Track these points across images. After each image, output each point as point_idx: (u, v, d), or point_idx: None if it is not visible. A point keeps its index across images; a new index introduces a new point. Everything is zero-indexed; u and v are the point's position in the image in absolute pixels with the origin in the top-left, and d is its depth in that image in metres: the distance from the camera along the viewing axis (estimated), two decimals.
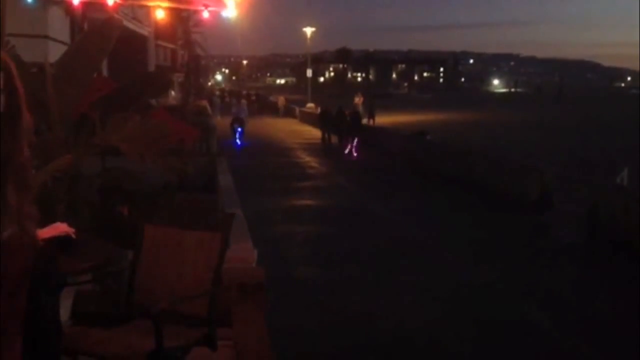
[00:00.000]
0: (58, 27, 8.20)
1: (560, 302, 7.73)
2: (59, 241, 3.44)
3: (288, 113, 49.62)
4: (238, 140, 26.47)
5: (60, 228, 3.48)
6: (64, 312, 3.58)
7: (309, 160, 22.39)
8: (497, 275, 8.77)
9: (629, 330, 6.66)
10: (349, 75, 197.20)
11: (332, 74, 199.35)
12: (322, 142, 27.40)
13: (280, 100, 55.11)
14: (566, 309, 7.47)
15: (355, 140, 23.64)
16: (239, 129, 26.85)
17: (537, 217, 12.51)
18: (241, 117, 27.33)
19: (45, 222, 3.71)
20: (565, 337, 6.56)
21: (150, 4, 7.27)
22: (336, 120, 26.47)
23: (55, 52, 6.42)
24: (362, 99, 33.73)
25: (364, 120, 28.11)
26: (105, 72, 12.49)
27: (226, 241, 3.65)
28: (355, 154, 23.41)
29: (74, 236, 3.48)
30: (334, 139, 26.61)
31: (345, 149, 23.90)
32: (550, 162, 18.27)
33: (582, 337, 6.54)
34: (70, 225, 3.53)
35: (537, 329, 6.81)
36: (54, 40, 8.34)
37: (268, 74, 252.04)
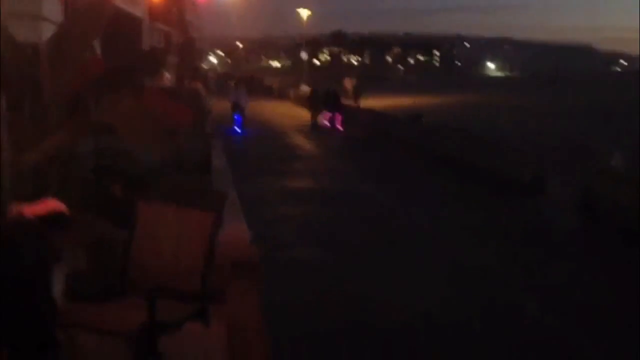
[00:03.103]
0: (51, 6, 8.14)
1: (552, 285, 7.81)
2: (52, 217, 3.47)
3: (282, 95, 49.46)
4: (238, 129, 25.15)
5: (52, 204, 3.51)
6: (58, 289, 3.60)
7: (303, 142, 22.39)
8: (490, 257, 8.84)
9: (622, 310, 6.78)
10: (345, 58, 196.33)
11: (327, 57, 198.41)
12: (312, 123, 27.65)
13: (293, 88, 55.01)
14: (558, 291, 7.55)
15: (338, 116, 26.61)
16: (238, 117, 25.51)
17: (529, 200, 12.60)
18: (240, 104, 25.76)
19: (38, 199, 3.74)
20: (557, 320, 6.64)
21: None
22: (324, 101, 27.87)
23: (48, 33, 6.39)
24: (352, 82, 35.47)
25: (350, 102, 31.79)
26: (99, 54, 12.42)
27: (219, 220, 3.68)
28: (340, 128, 26.21)
29: (66, 212, 3.51)
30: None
31: (331, 124, 26.62)
32: (543, 145, 18.35)
33: (575, 321, 6.62)
34: (63, 203, 3.56)
35: (529, 312, 6.90)
36: (47, 20, 8.28)
37: (263, 56, 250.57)
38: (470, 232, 10.22)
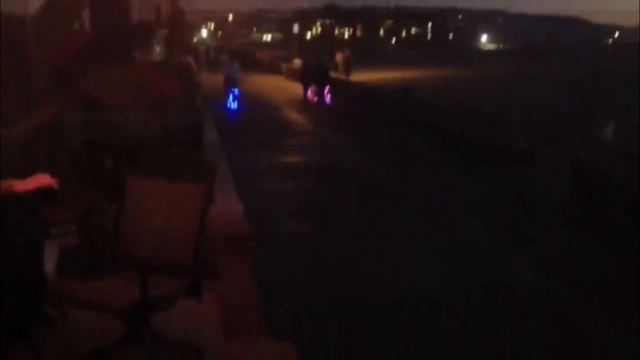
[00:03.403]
0: None
1: (544, 254, 7.86)
2: (42, 192, 3.42)
3: (273, 69, 49.06)
4: (234, 104, 24.03)
5: (43, 179, 3.47)
6: (49, 265, 3.57)
7: (295, 117, 22.30)
8: (482, 227, 8.89)
9: (619, 277, 6.95)
10: (336, 31, 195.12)
11: (319, 30, 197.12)
12: (304, 97, 27.45)
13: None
14: (551, 261, 7.60)
15: (327, 88, 26.38)
16: (235, 90, 24.19)
17: (521, 169, 12.67)
18: (235, 78, 24.51)
19: (28, 174, 3.69)
20: (550, 284, 6.69)
21: None
22: (314, 75, 27.66)
23: (34, 3, 6.28)
24: (342, 55, 35.76)
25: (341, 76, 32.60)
26: (87, 26, 12.26)
27: (210, 192, 3.64)
28: (328, 102, 26.05)
29: (56, 187, 3.46)
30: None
31: (318, 98, 26.33)
32: (536, 115, 18.36)
33: (569, 286, 6.68)
34: (52, 176, 3.51)
35: (525, 280, 6.94)
36: None
37: (254, 29, 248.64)
38: (463, 203, 10.28)
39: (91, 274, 3.51)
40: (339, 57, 40.64)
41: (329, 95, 26.51)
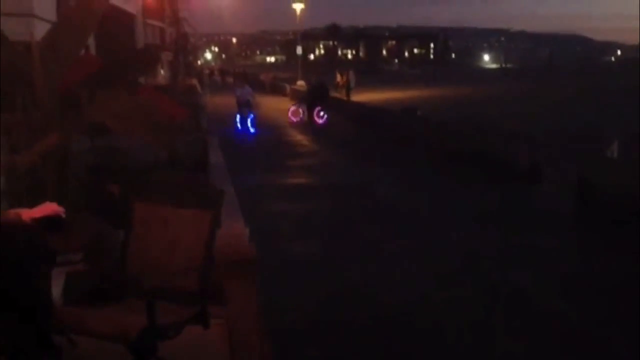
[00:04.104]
0: (44, 5, 8.09)
1: (551, 270, 7.84)
2: (49, 220, 3.42)
3: (276, 90, 49.30)
4: (251, 129, 23.30)
5: (49, 207, 3.46)
6: (56, 291, 3.56)
7: (301, 138, 22.34)
8: (489, 244, 8.88)
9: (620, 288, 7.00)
10: (339, 52, 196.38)
11: (322, 51, 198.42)
12: (309, 119, 27.55)
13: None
14: (557, 276, 7.57)
15: (318, 108, 26.02)
16: (250, 115, 23.59)
17: (527, 186, 12.68)
18: (248, 101, 23.94)
19: (35, 201, 3.68)
20: (554, 302, 6.65)
21: None
22: (317, 94, 27.93)
23: (41, 31, 6.33)
24: (349, 75, 36.57)
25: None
26: (93, 51, 12.36)
27: (217, 218, 3.63)
28: (319, 121, 25.67)
29: (63, 215, 3.46)
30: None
31: (312, 118, 26.16)
32: (540, 132, 18.36)
33: (570, 302, 6.64)
34: (59, 204, 3.50)
35: (527, 294, 6.90)
36: (40, 18, 8.23)
37: (258, 52, 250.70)
38: (469, 219, 10.27)
39: (97, 300, 3.49)
40: (339, 77, 41.17)
41: (321, 115, 26.39)
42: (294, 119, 26.68)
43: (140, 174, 5.04)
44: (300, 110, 27.21)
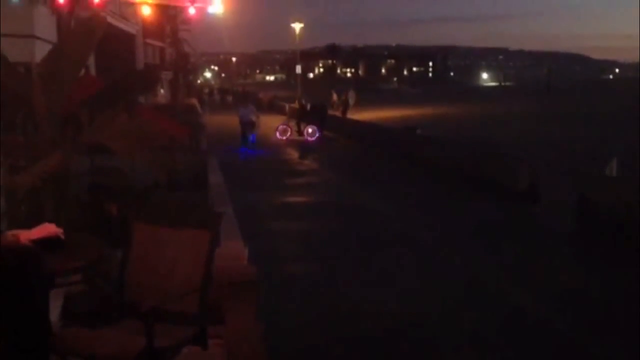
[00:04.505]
0: (44, 26, 8.13)
1: (553, 289, 7.81)
2: (48, 241, 3.42)
3: (274, 109, 49.52)
4: (249, 148, 23.06)
5: (48, 228, 3.47)
6: (54, 312, 3.55)
7: (298, 155, 22.37)
8: (489, 264, 8.85)
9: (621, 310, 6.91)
10: (339, 70, 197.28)
11: (321, 69, 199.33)
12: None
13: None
14: (559, 296, 7.55)
15: (308, 126, 27.10)
16: (251, 136, 23.48)
17: (526, 206, 12.67)
18: (252, 120, 23.80)
19: (34, 222, 3.69)
20: (552, 319, 6.63)
21: (137, 0, 7.21)
22: (316, 113, 29.01)
23: (41, 52, 6.37)
24: (338, 95, 38.01)
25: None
26: (92, 71, 12.41)
27: (215, 239, 3.63)
28: (309, 139, 26.45)
29: (62, 236, 3.46)
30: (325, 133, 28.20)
31: (307, 135, 26.97)
32: (538, 152, 18.40)
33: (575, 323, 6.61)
34: (58, 224, 3.51)
35: (531, 315, 6.87)
36: (40, 39, 8.28)
37: (257, 71, 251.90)
38: (467, 239, 10.25)
39: (96, 323, 3.48)
40: (335, 96, 41.76)
41: (310, 133, 27.00)
42: (282, 137, 26.94)
43: (140, 194, 5.04)
44: (288, 129, 27.67)
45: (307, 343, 6.16)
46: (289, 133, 27.43)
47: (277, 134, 26.96)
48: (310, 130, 26.98)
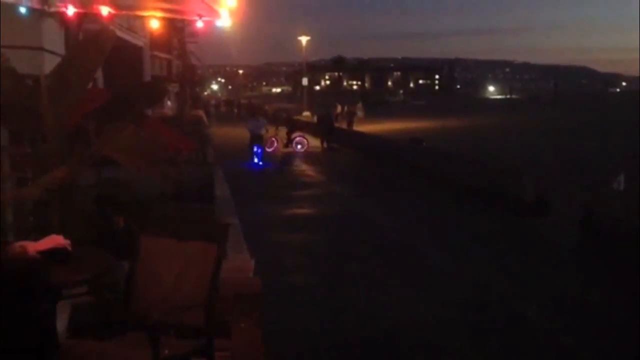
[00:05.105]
0: (53, 38, 8.16)
1: (559, 304, 7.78)
2: (55, 253, 3.42)
3: (279, 121, 49.73)
4: (259, 161, 22.81)
5: (55, 240, 3.47)
6: (60, 324, 3.55)
7: (305, 168, 22.38)
8: (494, 276, 8.84)
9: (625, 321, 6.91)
10: (345, 83, 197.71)
11: (327, 82, 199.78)
12: (322, 147, 28.76)
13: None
14: (565, 310, 7.52)
15: (296, 136, 27.76)
16: (259, 149, 23.12)
17: (533, 219, 12.64)
18: (260, 134, 23.53)
19: (41, 234, 3.70)
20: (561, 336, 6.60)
21: (145, 14, 7.24)
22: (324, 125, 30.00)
23: (50, 64, 6.40)
24: (343, 107, 42.77)
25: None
26: (100, 83, 12.47)
27: (222, 252, 3.63)
28: (299, 150, 27.03)
29: (69, 248, 3.46)
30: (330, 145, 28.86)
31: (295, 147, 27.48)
32: (546, 164, 18.37)
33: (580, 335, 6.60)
34: (65, 236, 3.51)
35: (534, 329, 6.85)
36: (49, 51, 8.31)
37: (264, 83, 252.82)
38: (473, 253, 10.23)
39: (102, 333, 3.48)
40: (339, 108, 42.12)
41: (294, 143, 27.46)
42: (269, 149, 26.49)
43: (147, 206, 5.05)
44: (275, 141, 27.64)
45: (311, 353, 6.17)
46: (275, 145, 27.49)
47: (266, 147, 26.46)
48: (298, 142, 27.44)
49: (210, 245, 3.59)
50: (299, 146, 27.40)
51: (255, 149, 23.03)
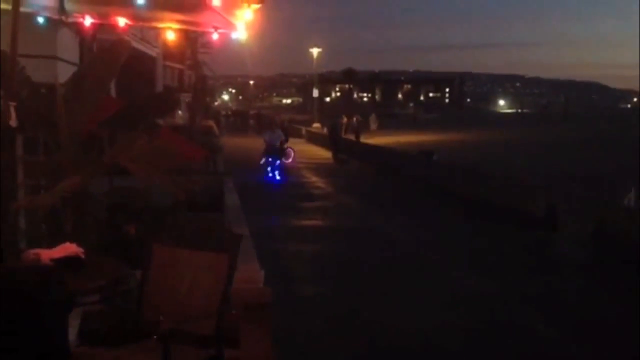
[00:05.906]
0: (68, 48, 8.25)
1: (569, 317, 7.75)
2: (68, 261, 3.45)
3: (284, 131, 50.00)
4: (277, 176, 22.14)
5: (69, 248, 3.50)
6: (72, 332, 3.57)
7: (315, 180, 22.40)
8: (502, 290, 8.81)
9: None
10: (355, 95, 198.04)
11: (338, 94, 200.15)
12: (334, 159, 29.14)
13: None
14: (575, 323, 7.49)
15: (289, 152, 27.18)
16: (276, 162, 22.42)
17: (544, 234, 12.61)
18: (276, 146, 22.79)
19: (54, 242, 3.73)
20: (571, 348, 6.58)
21: (161, 25, 7.32)
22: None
23: (64, 73, 6.46)
24: (350, 118, 43.27)
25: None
26: (113, 92, 12.56)
27: (234, 262, 3.64)
28: (286, 161, 26.10)
29: (82, 256, 3.49)
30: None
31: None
32: (556, 179, 18.32)
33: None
34: (78, 244, 3.54)
35: (541, 339, 6.83)
36: (64, 61, 8.39)
37: (275, 94, 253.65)
38: (482, 265, 10.21)
39: (114, 343, 3.50)
40: (345, 119, 42.54)
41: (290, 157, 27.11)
42: (286, 161, 26.39)
43: (158, 215, 5.08)
44: (292, 151, 27.66)
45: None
46: (292, 155, 27.42)
47: (283, 159, 26.34)
48: (287, 154, 26.72)
49: (221, 256, 3.60)
50: (287, 158, 26.41)
51: (270, 160, 22.35)
